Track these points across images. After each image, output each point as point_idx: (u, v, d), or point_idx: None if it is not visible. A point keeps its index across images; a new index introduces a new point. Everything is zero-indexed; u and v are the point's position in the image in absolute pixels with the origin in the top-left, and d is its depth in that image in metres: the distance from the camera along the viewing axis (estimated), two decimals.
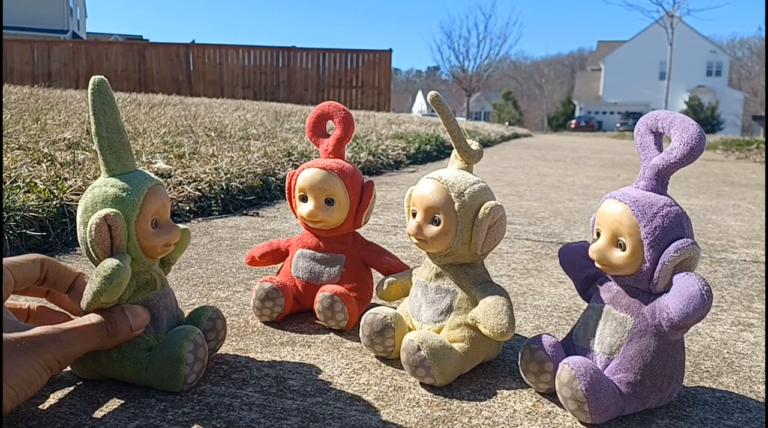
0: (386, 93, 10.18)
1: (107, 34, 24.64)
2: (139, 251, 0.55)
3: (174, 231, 0.57)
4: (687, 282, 0.51)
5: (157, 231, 0.56)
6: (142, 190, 0.54)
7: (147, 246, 0.55)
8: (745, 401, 0.60)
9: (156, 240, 0.55)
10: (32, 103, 3.39)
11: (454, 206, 0.61)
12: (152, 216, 0.55)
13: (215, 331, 0.62)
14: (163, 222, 0.57)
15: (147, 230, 0.55)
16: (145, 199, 0.54)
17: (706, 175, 3.31)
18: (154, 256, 0.57)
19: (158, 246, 0.56)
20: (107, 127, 0.54)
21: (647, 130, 0.57)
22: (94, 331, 0.52)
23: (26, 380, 0.47)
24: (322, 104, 0.80)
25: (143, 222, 0.54)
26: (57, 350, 0.49)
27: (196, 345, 0.55)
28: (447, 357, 0.59)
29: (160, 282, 0.60)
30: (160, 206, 0.56)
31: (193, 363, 0.55)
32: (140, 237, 0.54)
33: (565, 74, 41.95)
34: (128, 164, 0.56)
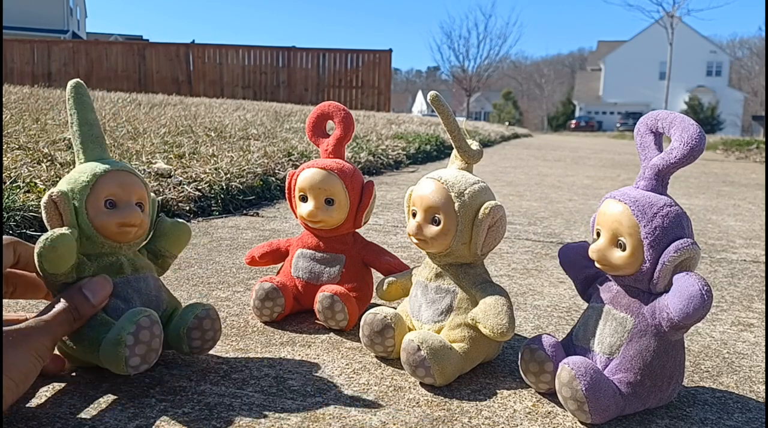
0: (386, 93, 10.18)
1: (107, 34, 24.65)
2: (92, 229, 0.57)
3: (129, 213, 0.57)
4: (687, 282, 0.51)
5: (110, 210, 0.57)
6: (96, 172, 0.57)
7: (99, 225, 0.57)
8: (745, 401, 0.60)
9: (107, 220, 0.57)
10: (32, 103, 3.39)
11: (454, 206, 0.61)
12: (106, 196, 0.57)
13: (200, 330, 0.60)
14: (122, 204, 0.58)
15: (99, 209, 0.57)
16: (98, 180, 0.57)
17: (706, 175, 3.31)
18: (113, 237, 0.58)
19: (112, 226, 0.57)
20: (78, 121, 0.60)
21: (647, 130, 0.57)
22: (65, 319, 0.53)
23: (24, 371, 0.48)
24: (322, 104, 0.80)
25: (94, 201, 0.57)
26: (45, 338, 0.51)
27: (139, 328, 0.53)
28: (447, 357, 0.59)
29: (131, 267, 0.60)
30: (116, 188, 0.57)
31: (133, 345, 0.53)
32: (91, 216, 0.57)
33: (565, 74, 41.95)
34: (95, 154, 0.60)
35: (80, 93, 0.60)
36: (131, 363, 0.53)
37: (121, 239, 0.59)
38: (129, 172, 0.59)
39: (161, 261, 0.65)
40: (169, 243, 0.65)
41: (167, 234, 0.65)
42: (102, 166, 0.58)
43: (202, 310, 0.60)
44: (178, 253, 0.67)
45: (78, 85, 0.60)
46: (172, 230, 0.65)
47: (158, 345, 0.55)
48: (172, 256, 0.66)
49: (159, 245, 0.65)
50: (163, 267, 0.66)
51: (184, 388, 0.57)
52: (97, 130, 0.60)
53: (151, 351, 0.54)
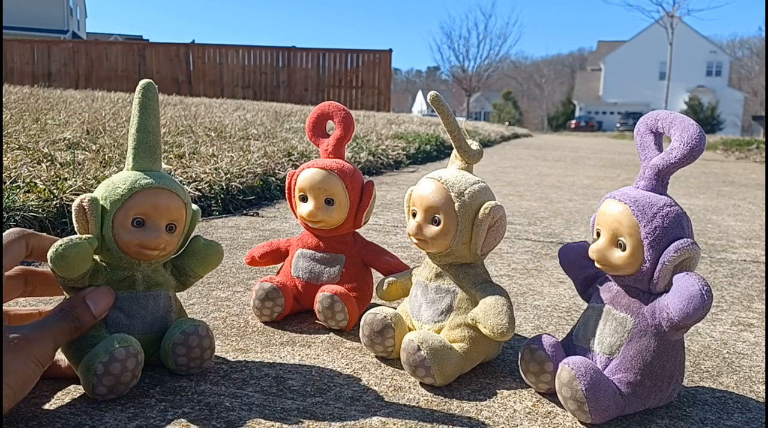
0: (386, 93, 10.18)
1: (107, 34, 24.65)
2: (113, 243, 0.55)
3: (152, 236, 0.56)
4: (687, 282, 0.51)
5: (135, 229, 0.56)
6: (135, 186, 0.55)
7: (121, 241, 0.55)
8: (745, 401, 0.60)
9: (129, 238, 0.55)
10: (32, 103, 3.39)
11: (454, 206, 0.61)
12: (135, 214, 0.55)
13: (186, 346, 0.57)
14: (150, 225, 0.56)
15: (125, 226, 0.55)
16: (132, 195, 0.55)
17: (706, 175, 3.31)
18: (131, 255, 0.56)
19: (131, 245, 0.56)
20: (137, 125, 0.58)
21: (647, 130, 0.57)
22: (66, 328, 0.53)
23: (23, 378, 0.48)
24: (322, 104, 0.80)
25: (123, 216, 0.55)
26: (46, 344, 0.50)
27: (112, 359, 0.51)
28: (447, 357, 0.59)
29: (145, 284, 0.59)
30: (149, 207, 0.56)
31: (102, 375, 0.51)
32: (116, 229, 0.55)
33: (565, 74, 41.95)
34: (144, 163, 0.58)
35: (148, 97, 0.58)
36: (97, 392, 0.52)
37: (140, 258, 0.57)
38: (169, 191, 0.57)
39: (183, 279, 0.63)
40: (196, 263, 0.62)
41: (197, 254, 0.63)
42: (143, 180, 0.56)
43: (190, 326, 0.58)
44: (204, 275, 0.64)
45: (147, 86, 0.59)
46: (204, 251, 0.63)
47: (129, 378, 0.53)
48: (196, 276, 0.63)
49: (186, 263, 0.62)
50: (185, 284, 0.64)
51: (184, 388, 0.57)
52: (153, 139, 0.58)
53: (119, 384, 0.53)
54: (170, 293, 0.61)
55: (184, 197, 0.59)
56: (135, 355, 0.53)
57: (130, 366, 0.53)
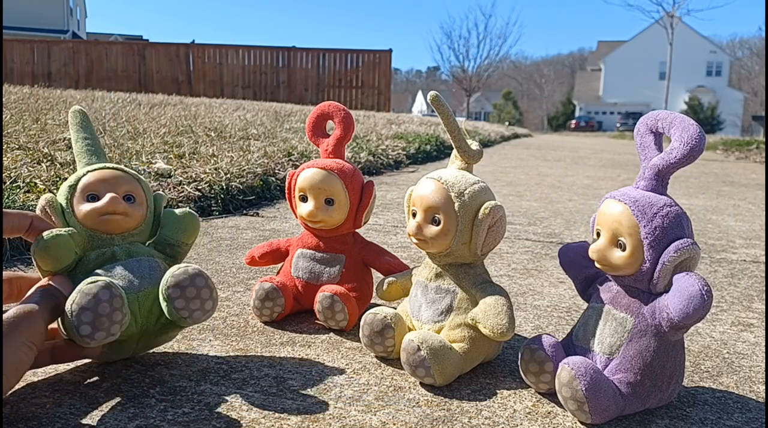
0: (386, 93, 10.18)
1: (107, 34, 24.65)
2: (78, 225, 0.59)
3: (108, 201, 0.58)
4: (687, 283, 0.51)
5: (90, 203, 0.59)
6: (80, 174, 0.60)
7: (81, 217, 0.59)
8: (745, 401, 0.60)
9: (86, 211, 0.58)
10: (32, 103, 3.39)
11: (454, 206, 0.61)
12: (87, 192, 0.59)
13: (179, 288, 0.55)
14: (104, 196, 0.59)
15: (81, 203, 0.59)
16: (80, 179, 0.60)
17: (706, 175, 3.31)
18: (96, 227, 0.58)
19: (92, 216, 0.58)
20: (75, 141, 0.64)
21: (647, 130, 0.57)
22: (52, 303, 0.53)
23: (15, 363, 0.47)
24: (322, 104, 0.80)
25: (78, 199, 0.59)
26: (35, 324, 0.50)
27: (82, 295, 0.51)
28: (447, 357, 0.59)
29: (125, 254, 0.59)
30: (97, 183, 0.59)
31: (79, 313, 0.50)
32: (76, 212, 0.59)
33: (565, 74, 41.95)
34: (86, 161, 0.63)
35: (77, 120, 0.65)
36: (82, 333, 0.51)
37: (107, 228, 0.59)
38: (114, 169, 0.61)
39: (170, 250, 0.63)
40: (173, 230, 0.63)
41: (170, 223, 0.64)
42: (87, 167, 0.61)
43: (180, 268, 0.56)
44: (188, 241, 0.64)
45: (75, 113, 0.65)
46: (176, 218, 0.64)
47: (109, 309, 0.51)
48: (181, 244, 0.64)
49: (164, 234, 0.64)
50: (175, 256, 0.64)
51: (184, 388, 0.57)
52: (92, 142, 0.64)
53: (100, 317, 0.50)
54: (156, 259, 0.61)
55: (134, 175, 0.62)
56: (106, 286, 0.52)
57: (103, 297, 0.51)
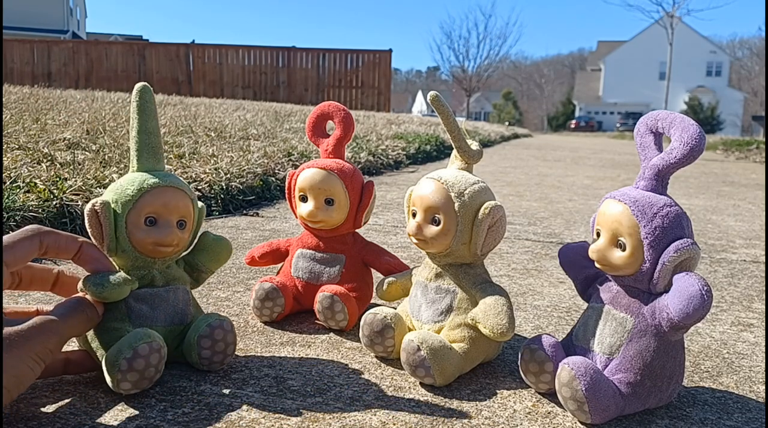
0: (386, 93, 10.18)
1: (107, 34, 24.65)
2: (128, 243, 0.57)
3: (166, 233, 0.57)
4: (687, 283, 0.51)
5: (148, 228, 0.57)
6: (143, 187, 0.57)
7: (136, 241, 0.57)
8: (745, 401, 0.60)
9: (144, 237, 0.57)
10: (32, 103, 3.39)
11: (454, 206, 0.61)
12: (148, 213, 0.57)
13: (211, 340, 0.59)
14: (162, 223, 0.58)
15: (138, 225, 0.57)
16: (142, 195, 0.57)
17: (706, 175, 3.31)
18: (147, 254, 0.58)
19: (147, 244, 0.57)
20: (138, 128, 0.59)
21: (647, 130, 0.57)
22: (84, 319, 0.53)
23: (17, 376, 0.46)
24: (322, 104, 0.80)
25: (135, 216, 0.57)
26: (47, 340, 0.49)
27: (136, 355, 0.52)
28: (447, 357, 0.59)
29: (163, 279, 0.60)
30: (159, 206, 0.57)
31: (126, 371, 0.52)
32: (130, 230, 0.57)
33: (565, 74, 41.95)
34: (149, 164, 0.60)
35: (144, 99, 0.60)
36: (122, 387, 0.53)
37: (156, 256, 0.59)
38: (176, 189, 0.59)
39: (197, 275, 0.65)
40: (207, 258, 0.64)
41: (207, 250, 0.64)
42: (151, 180, 0.58)
43: (216, 320, 0.59)
44: (216, 269, 0.66)
45: (144, 89, 0.60)
46: (213, 246, 0.64)
47: (153, 373, 0.54)
48: (208, 271, 0.65)
49: (198, 259, 0.64)
50: (199, 280, 0.65)
51: (184, 388, 0.57)
52: (155, 139, 0.60)
53: (143, 379, 0.53)
54: (187, 287, 0.63)
55: (190, 194, 0.60)
56: (158, 350, 0.54)
57: (153, 361, 0.53)
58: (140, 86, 0.60)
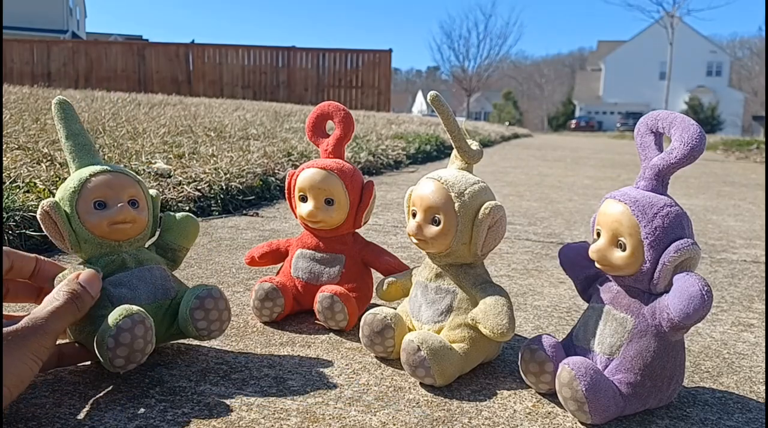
0: (386, 93, 10.18)
1: (107, 34, 24.64)
2: (86, 231, 0.59)
3: (117, 211, 0.59)
4: (687, 283, 0.51)
5: (98, 211, 0.59)
6: (82, 176, 0.59)
7: (91, 226, 0.59)
8: (746, 401, 0.60)
9: (96, 219, 0.58)
10: (32, 103, 3.39)
11: (454, 206, 0.61)
12: (94, 198, 0.59)
13: (203, 310, 0.60)
14: (112, 204, 0.59)
15: (89, 211, 0.59)
16: (84, 184, 0.59)
17: (707, 175, 3.31)
18: (106, 236, 0.59)
19: (102, 225, 0.58)
20: (66, 134, 0.62)
21: (647, 130, 0.57)
22: (68, 311, 0.53)
23: (18, 375, 0.47)
24: (322, 104, 0.80)
25: (83, 204, 0.58)
26: (42, 337, 0.50)
27: (119, 330, 0.53)
28: (447, 357, 0.59)
29: (135, 261, 0.61)
30: (103, 189, 0.59)
31: (114, 347, 0.53)
32: (83, 218, 0.58)
33: (565, 74, 41.95)
34: (85, 160, 0.62)
35: (63, 109, 0.63)
36: (116, 364, 0.54)
37: (117, 237, 0.60)
38: (117, 172, 0.61)
39: (171, 255, 0.66)
40: (175, 235, 0.66)
41: (173, 228, 0.66)
42: (88, 170, 0.60)
43: (204, 290, 0.61)
44: (189, 245, 0.68)
45: (60, 102, 0.63)
46: (178, 223, 0.66)
47: (143, 344, 0.54)
48: (182, 249, 0.67)
49: (167, 239, 0.66)
50: (175, 261, 0.67)
51: (184, 388, 0.57)
52: (83, 139, 0.62)
53: (134, 352, 0.54)
54: (162, 266, 0.64)
55: (134, 178, 0.62)
56: (141, 321, 0.54)
57: (139, 332, 0.54)
58: (57, 101, 0.63)
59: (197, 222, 0.68)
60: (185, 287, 0.65)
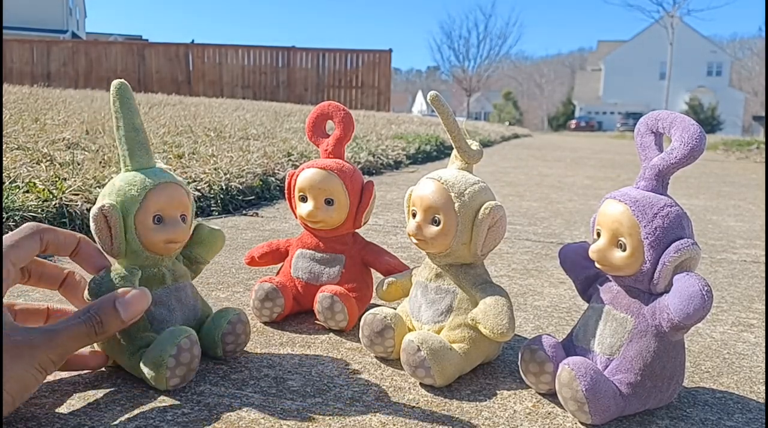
0: (386, 93, 10.18)
1: (107, 34, 24.63)
2: (139, 244, 0.57)
3: (175, 230, 0.57)
4: (687, 283, 0.51)
5: (157, 227, 0.57)
6: (146, 185, 0.56)
7: (147, 241, 0.57)
8: (746, 401, 0.60)
9: (155, 237, 0.57)
10: (31, 103, 3.39)
11: (454, 206, 0.61)
12: (154, 212, 0.56)
13: (234, 335, 0.62)
14: (169, 220, 0.58)
15: (147, 225, 0.56)
16: (147, 195, 0.56)
17: (707, 175, 3.31)
18: (158, 252, 0.58)
19: (159, 243, 0.57)
20: (125, 126, 0.58)
21: (647, 130, 0.57)
22: (83, 332, 0.51)
23: (22, 384, 0.47)
24: (322, 104, 0.80)
25: (143, 216, 0.56)
26: (51, 351, 0.49)
27: (180, 350, 0.54)
28: (447, 357, 0.59)
29: (172, 277, 0.61)
30: (164, 203, 0.57)
31: (174, 367, 0.54)
32: (140, 231, 0.56)
33: (565, 74, 41.96)
34: (143, 161, 0.58)
35: (125, 96, 0.58)
36: (171, 383, 0.55)
37: (166, 253, 0.59)
38: (176, 185, 0.59)
39: (195, 267, 0.65)
40: (204, 250, 0.65)
41: (204, 242, 0.65)
42: (151, 178, 0.57)
43: (234, 315, 0.62)
44: (211, 259, 0.67)
45: (122, 86, 0.59)
46: (209, 238, 0.65)
47: (197, 365, 0.56)
48: (205, 262, 0.66)
49: (195, 252, 0.65)
50: (196, 272, 0.66)
51: (183, 388, 0.57)
52: (143, 136, 0.59)
53: (190, 371, 0.56)
54: (191, 282, 0.64)
55: (186, 187, 0.61)
56: (196, 342, 0.56)
57: (196, 352, 0.56)
58: (118, 83, 0.59)
59: (224, 237, 0.67)
60: (206, 305, 0.65)
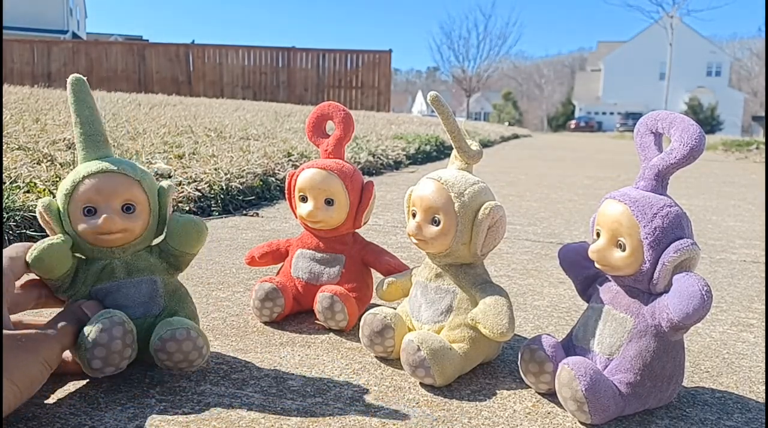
0: (386, 93, 10.18)
1: (107, 35, 24.63)
2: (77, 236, 0.57)
3: (104, 221, 0.55)
4: (687, 283, 0.51)
5: (86, 218, 0.56)
6: (76, 178, 0.56)
7: (80, 232, 0.56)
8: (745, 401, 0.60)
9: (83, 228, 0.56)
10: (32, 103, 3.39)
11: (454, 206, 0.61)
12: (84, 203, 0.56)
13: (165, 353, 0.55)
14: (102, 210, 0.56)
15: (78, 217, 0.56)
16: (76, 187, 0.56)
17: (706, 176, 3.31)
18: (94, 243, 0.57)
19: (88, 234, 0.56)
20: (78, 119, 0.59)
21: (647, 131, 0.57)
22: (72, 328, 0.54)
23: (29, 377, 0.48)
24: (322, 104, 0.80)
25: (74, 209, 0.56)
26: (53, 346, 0.51)
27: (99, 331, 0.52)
28: (447, 357, 0.59)
29: (125, 271, 0.59)
30: (93, 194, 0.56)
31: (92, 347, 0.52)
32: (73, 223, 0.56)
33: (565, 74, 41.96)
34: (90, 154, 0.58)
35: (79, 90, 0.59)
36: (93, 366, 0.53)
37: (106, 244, 0.57)
38: (114, 173, 0.57)
39: (174, 260, 0.62)
40: (177, 242, 0.61)
41: (174, 233, 0.61)
42: (85, 169, 0.56)
43: (167, 331, 0.55)
44: (193, 251, 0.62)
45: (77, 81, 0.59)
46: (181, 229, 0.61)
47: (121, 346, 0.53)
48: (184, 255, 0.62)
49: (169, 244, 0.61)
50: (178, 266, 0.63)
51: (184, 388, 0.57)
52: (92, 127, 0.58)
53: (112, 353, 0.53)
54: (156, 277, 0.61)
55: (135, 175, 0.58)
56: (121, 323, 0.53)
57: (117, 333, 0.53)
58: (73, 78, 0.59)
59: (201, 227, 0.62)
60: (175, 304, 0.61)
